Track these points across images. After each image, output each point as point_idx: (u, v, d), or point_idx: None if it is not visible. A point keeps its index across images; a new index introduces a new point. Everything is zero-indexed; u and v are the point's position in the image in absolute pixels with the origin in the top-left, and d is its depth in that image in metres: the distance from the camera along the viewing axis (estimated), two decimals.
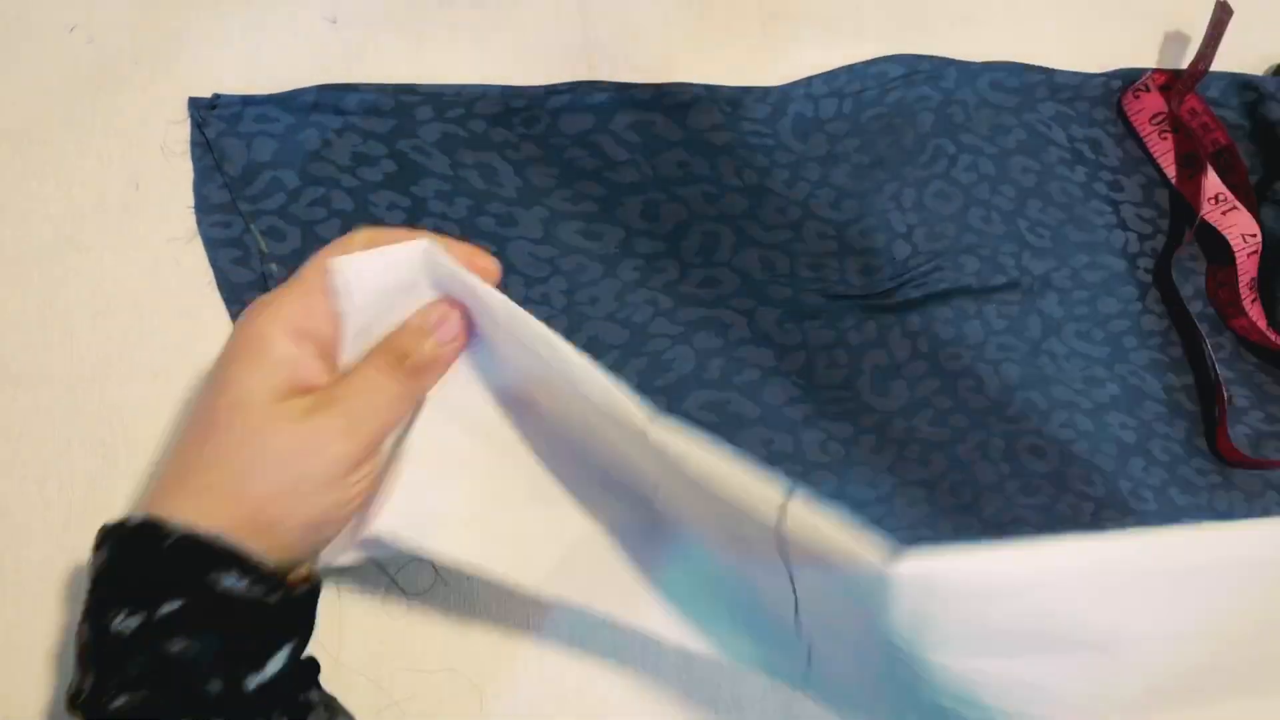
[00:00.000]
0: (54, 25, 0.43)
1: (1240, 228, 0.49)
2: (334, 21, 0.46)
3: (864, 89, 0.50)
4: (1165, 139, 0.52)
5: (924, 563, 0.25)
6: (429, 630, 0.40)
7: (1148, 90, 0.52)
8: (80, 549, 0.38)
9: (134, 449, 0.40)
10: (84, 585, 0.38)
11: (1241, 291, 0.49)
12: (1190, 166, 0.51)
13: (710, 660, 0.37)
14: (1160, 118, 0.52)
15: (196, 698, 0.28)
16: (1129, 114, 0.52)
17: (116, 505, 0.39)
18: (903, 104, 0.50)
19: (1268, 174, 0.52)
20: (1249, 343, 0.50)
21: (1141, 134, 0.52)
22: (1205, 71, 0.50)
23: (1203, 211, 0.49)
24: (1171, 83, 0.51)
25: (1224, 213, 0.49)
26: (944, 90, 0.50)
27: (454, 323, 0.32)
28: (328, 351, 0.32)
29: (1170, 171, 0.51)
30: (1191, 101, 0.51)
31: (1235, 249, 0.49)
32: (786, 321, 0.45)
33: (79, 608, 0.38)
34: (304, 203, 0.43)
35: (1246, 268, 0.49)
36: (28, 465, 0.39)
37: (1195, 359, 0.49)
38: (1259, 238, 0.49)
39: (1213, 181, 0.50)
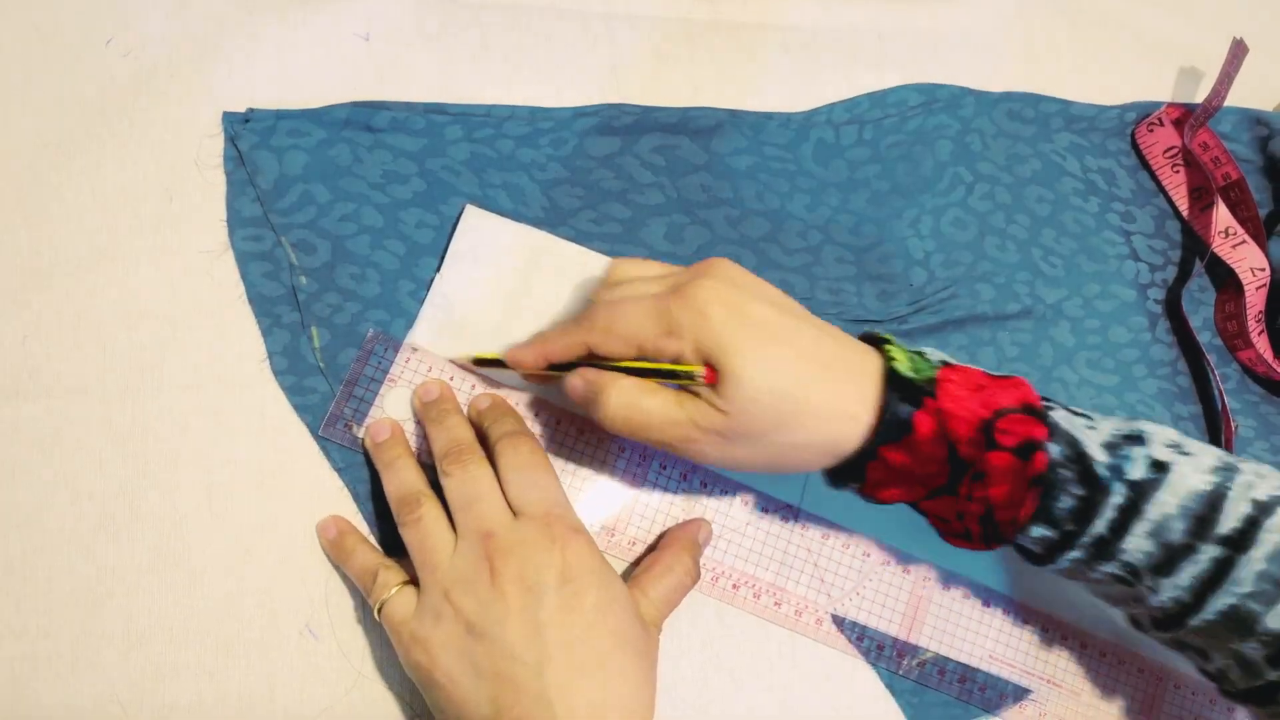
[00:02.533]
0: (91, 38, 0.44)
1: (1250, 261, 0.50)
2: (367, 39, 0.46)
3: (884, 117, 0.50)
4: (1178, 172, 0.53)
5: None
6: None
7: (1161, 124, 0.53)
8: (110, 559, 0.39)
9: (165, 460, 0.40)
10: (109, 596, 0.38)
11: (1249, 324, 0.50)
12: (1201, 200, 0.52)
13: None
14: (1173, 151, 0.52)
15: None
16: (1142, 147, 0.53)
17: (147, 517, 0.40)
18: (921, 132, 0.50)
19: (1277, 208, 0.53)
20: (1255, 374, 0.51)
21: (1154, 167, 0.53)
22: (1219, 106, 0.51)
23: (1213, 245, 0.50)
24: (1185, 117, 0.52)
25: (1234, 246, 0.50)
26: (962, 119, 0.51)
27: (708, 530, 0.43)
28: None
29: (1182, 204, 0.52)
30: (1204, 135, 0.52)
31: (1244, 282, 0.50)
32: None
33: (108, 618, 0.38)
34: (334, 217, 0.44)
35: (1255, 301, 0.50)
36: (59, 475, 0.39)
37: (1203, 389, 0.50)
38: (1268, 272, 0.50)
39: (1223, 215, 0.51)
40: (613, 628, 0.36)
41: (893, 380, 0.35)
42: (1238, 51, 0.50)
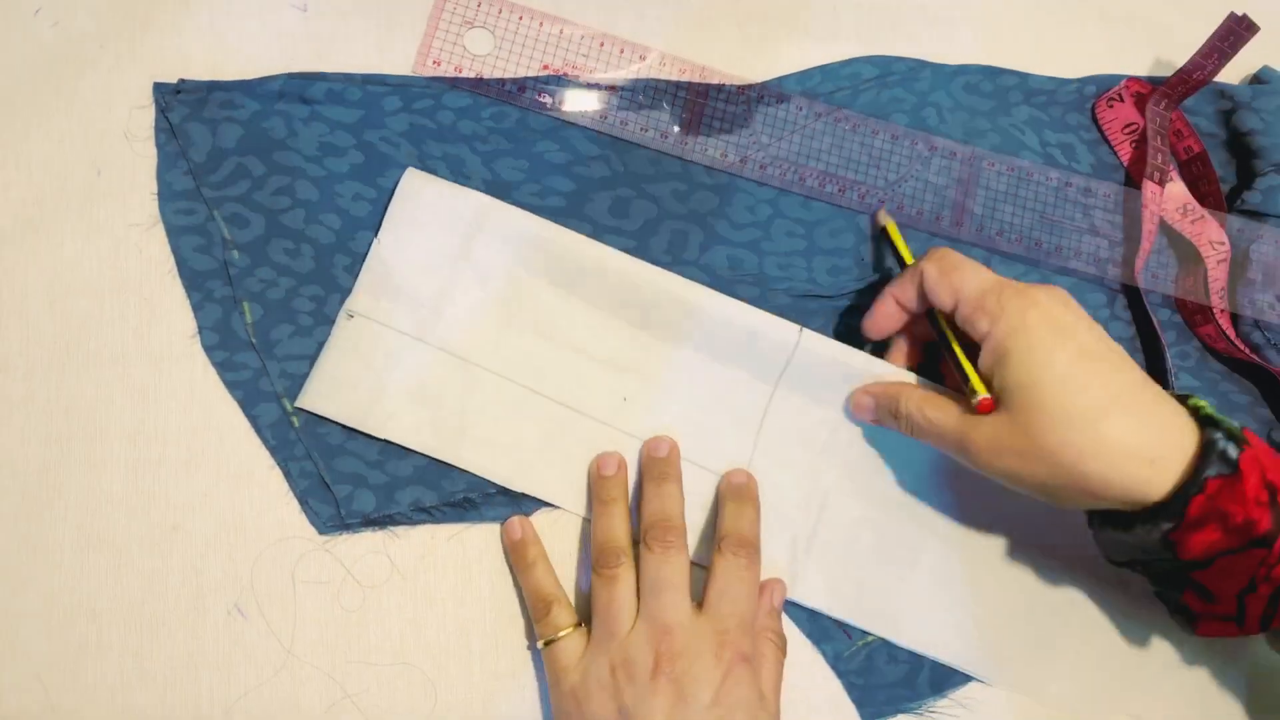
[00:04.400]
0: (18, 8, 0.43)
1: (1209, 235, 0.49)
2: (304, 9, 0.45)
3: (837, 90, 0.49)
4: (1137, 148, 0.52)
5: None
6: (383, 623, 0.40)
7: (1121, 100, 0.52)
8: (32, 538, 0.38)
9: (89, 438, 0.39)
10: (31, 573, 0.37)
11: (1211, 299, 0.49)
12: (1161, 175, 0.51)
13: None
14: (1132, 128, 0.51)
15: None
16: (1101, 122, 0.52)
17: (70, 495, 0.39)
18: (876, 105, 0.50)
19: (1239, 183, 0.52)
20: (1215, 351, 0.50)
21: (1114, 142, 0.52)
22: (1204, 81, 0.49)
23: (1172, 220, 0.49)
24: (1147, 91, 0.51)
25: (1192, 221, 0.49)
26: (918, 93, 0.50)
27: None
28: None
29: (1141, 180, 0.51)
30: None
31: (1204, 256, 0.49)
32: None
33: (30, 596, 0.38)
34: (269, 191, 0.43)
35: (1216, 275, 0.49)
36: None
37: (1159, 367, 0.49)
38: (1227, 246, 0.49)
39: (1181, 191, 0.50)
40: None
41: (1208, 423, 0.36)
42: (1235, 26, 0.48)
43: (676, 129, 0.47)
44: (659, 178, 0.46)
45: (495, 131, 0.45)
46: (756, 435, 0.44)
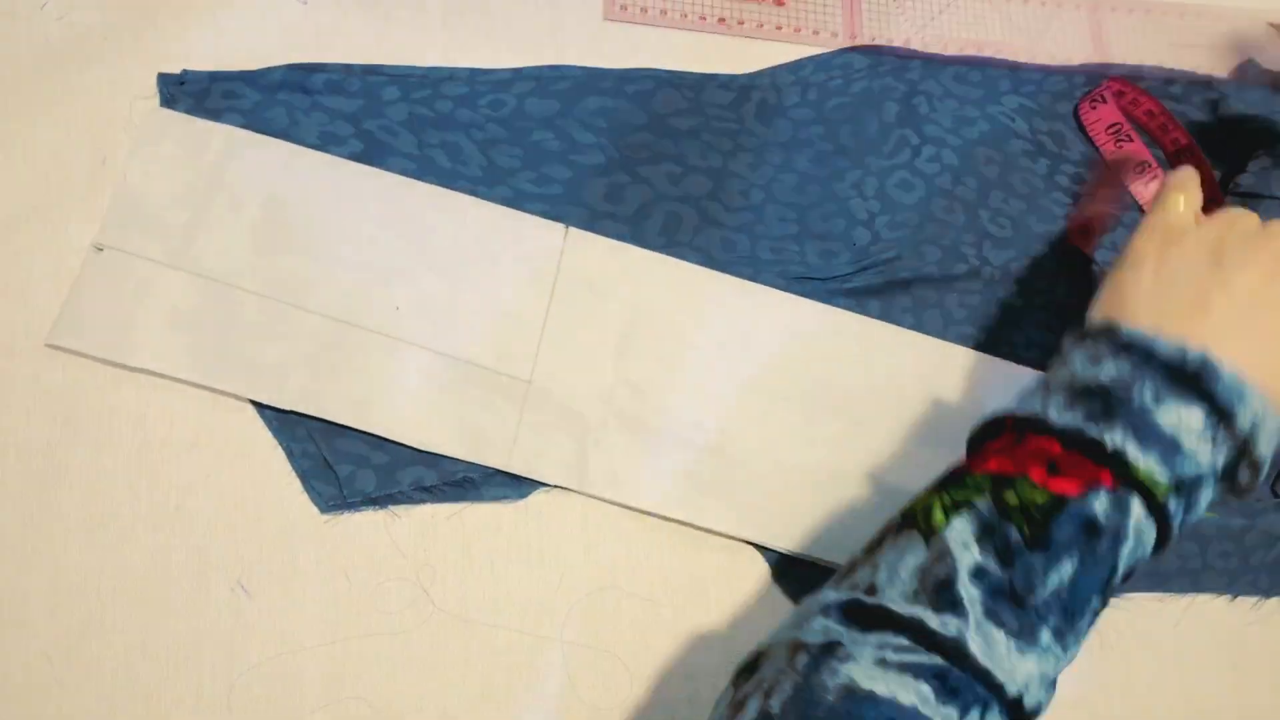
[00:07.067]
0: (27, 2, 0.44)
1: None
2: (305, 2, 0.46)
3: (829, 79, 0.50)
4: (1121, 147, 0.52)
5: None
6: (384, 601, 0.40)
7: (1104, 100, 0.52)
8: (38, 517, 0.39)
9: (93, 419, 0.40)
10: (36, 551, 0.38)
11: None
12: (1146, 172, 0.52)
13: None
14: (1116, 127, 0.52)
15: None
16: (1085, 124, 0.53)
17: (73, 474, 0.39)
18: (867, 94, 0.50)
19: (1230, 169, 0.53)
20: None
21: (1098, 143, 0.53)
22: (1184, 78, 0.50)
23: None
24: (1127, 89, 0.52)
25: None
26: (908, 82, 0.51)
27: None
28: None
29: (1129, 177, 0.52)
30: (1147, 104, 0.52)
31: None
32: None
33: (36, 573, 0.38)
34: None
35: None
36: None
37: None
38: None
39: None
40: None
41: None
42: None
43: (675, 116, 0.48)
44: (654, 160, 0.47)
45: (492, 120, 0.46)
46: (541, 333, 0.43)
